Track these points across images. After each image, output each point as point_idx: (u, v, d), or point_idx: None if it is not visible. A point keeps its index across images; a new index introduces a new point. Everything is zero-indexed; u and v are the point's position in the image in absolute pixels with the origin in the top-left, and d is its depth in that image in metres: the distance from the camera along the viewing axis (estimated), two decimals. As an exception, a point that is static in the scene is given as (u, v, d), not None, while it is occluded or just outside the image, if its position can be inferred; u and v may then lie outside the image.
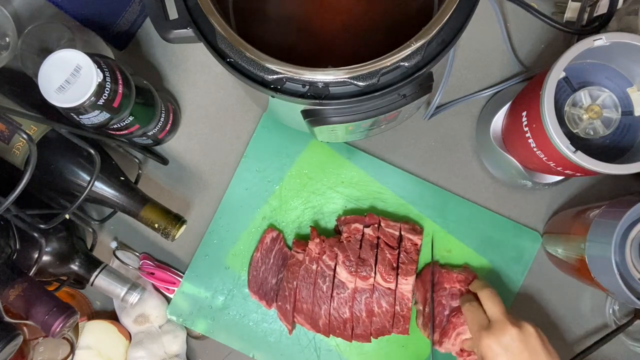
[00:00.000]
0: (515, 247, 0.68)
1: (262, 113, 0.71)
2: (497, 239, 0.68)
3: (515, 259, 0.68)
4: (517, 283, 0.68)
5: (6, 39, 0.64)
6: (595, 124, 0.55)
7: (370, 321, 0.65)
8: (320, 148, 0.70)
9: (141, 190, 0.62)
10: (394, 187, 0.69)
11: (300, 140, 0.70)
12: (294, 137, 0.70)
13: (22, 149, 0.56)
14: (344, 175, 0.70)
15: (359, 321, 0.65)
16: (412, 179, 0.69)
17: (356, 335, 0.66)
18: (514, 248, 0.68)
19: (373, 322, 0.65)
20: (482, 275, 0.68)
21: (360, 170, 0.70)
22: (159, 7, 0.49)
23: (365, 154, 0.70)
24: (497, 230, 0.68)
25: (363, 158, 0.70)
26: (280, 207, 0.70)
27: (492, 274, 0.68)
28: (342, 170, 0.70)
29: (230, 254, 0.70)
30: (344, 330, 0.65)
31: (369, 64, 0.44)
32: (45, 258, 0.58)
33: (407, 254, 0.65)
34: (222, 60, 0.47)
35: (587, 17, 0.65)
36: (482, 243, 0.68)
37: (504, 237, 0.68)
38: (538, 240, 0.68)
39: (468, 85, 0.70)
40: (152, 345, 0.67)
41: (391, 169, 0.69)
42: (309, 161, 0.70)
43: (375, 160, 0.70)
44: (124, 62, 0.71)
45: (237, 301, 0.69)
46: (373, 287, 0.65)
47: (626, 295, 0.51)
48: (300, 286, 0.65)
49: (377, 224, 0.66)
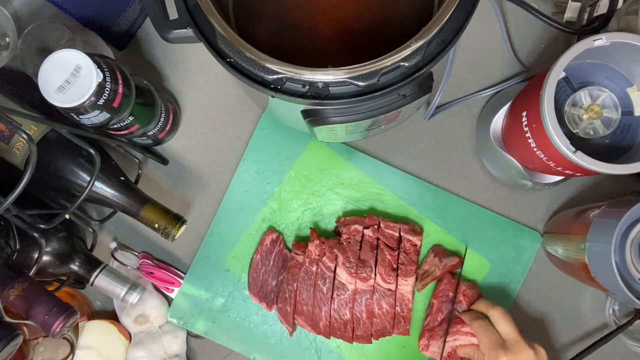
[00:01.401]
0: (516, 247, 0.68)
1: (262, 113, 0.71)
2: (497, 239, 0.68)
3: (515, 259, 0.68)
4: (517, 283, 0.68)
5: (6, 39, 0.64)
6: (595, 124, 0.55)
7: (370, 322, 0.65)
8: (319, 149, 0.70)
9: (141, 190, 0.62)
10: (393, 188, 0.69)
11: (299, 142, 0.70)
12: (293, 139, 0.70)
13: (22, 149, 0.56)
14: (343, 176, 0.70)
15: (359, 322, 0.65)
16: (411, 180, 0.69)
17: (357, 336, 0.65)
18: (514, 248, 0.68)
19: (374, 323, 0.65)
20: (483, 276, 0.68)
21: (360, 172, 0.69)
22: (159, 7, 0.49)
23: (365, 155, 0.70)
24: (497, 230, 0.68)
25: (362, 159, 0.70)
26: (279, 209, 0.70)
27: (492, 274, 0.68)
28: (342, 172, 0.70)
29: (231, 257, 0.70)
30: (344, 332, 0.65)
31: (369, 64, 0.44)
32: (45, 258, 0.58)
33: (406, 255, 0.65)
34: (222, 60, 0.47)
35: (587, 17, 0.65)
36: (482, 243, 0.68)
37: (504, 237, 0.68)
38: (538, 240, 0.68)
39: (468, 85, 0.70)
40: (152, 345, 0.67)
41: (391, 170, 0.69)
42: (308, 163, 0.70)
43: (374, 162, 0.70)
44: (124, 62, 0.71)
45: (238, 303, 0.69)
46: (373, 288, 0.65)
47: (626, 295, 0.51)
48: (300, 288, 0.65)
49: (376, 225, 0.66)
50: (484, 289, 0.67)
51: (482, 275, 0.68)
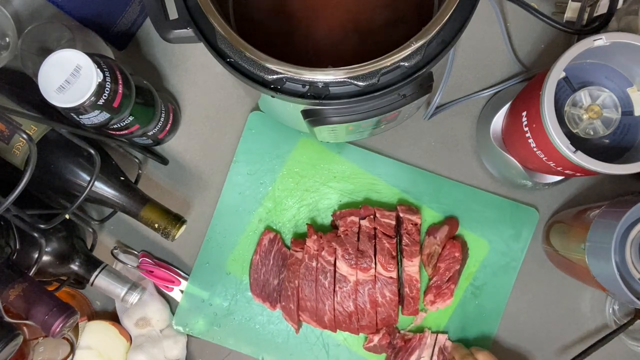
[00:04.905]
0: (513, 225, 0.68)
1: (261, 113, 0.71)
2: (494, 218, 0.68)
3: (513, 236, 0.68)
4: (518, 261, 0.68)
5: (6, 39, 0.64)
6: (595, 124, 0.55)
7: (375, 312, 0.65)
8: (309, 145, 0.70)
9: (141, 190, 0.62)
10: (386, 176, 0.69)
11: (289, 140, 0.70)
12: (283, 137, 0.70)
13: (22, 149, 0.56)
14: (335, 170, 0.70)
15: (364, 313, 0.65)
16: (403, 167, 0.69)
17: (362, 327, 0.66)
18: (512, 226, 0.68)
19: (378, 312, 0.65)
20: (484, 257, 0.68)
21: (352, 164, 0.70)
22: (159, 7, 0.49)
23: (355, 147, 0.70)
24: (493, 210, 0.68)
25: (353, 151, 0.70)
26: (275, 208, 0.70)
27: (492, 254, 0.68)
28: (334, 165, 0.70)
29: (230, 260, 0.70)
30: (350, 324, 0.66)
31: (369, 64, 0.44)
32: (45, 258, 0.58)
33: (409, 236, 0.65)
34: (222, 60, 0.47)
35: (587, 17, 0.65)
36: (479, 224, 0.68)
37: (500, 216, 0.68)
38: (535, 216, 0.68)
39: (468, 85, 0.70)
40: (153, 349, 0.66)
41: (382, 159, 0.69)
42: (299, 159, 0.70)
43: (365, 152, 0.70)
44: (124, 62, 0.71)
45: (242, 305, 0.69)
46: (375, 278, 0.65)
47: (626, 295, 0.51)
48: (302, 284, 0.65)
49: (372, 215, 0.67)
50: (485, 269, 0.67)
51: (483, 256, 0.68)
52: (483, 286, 0.68)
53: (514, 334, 0.68)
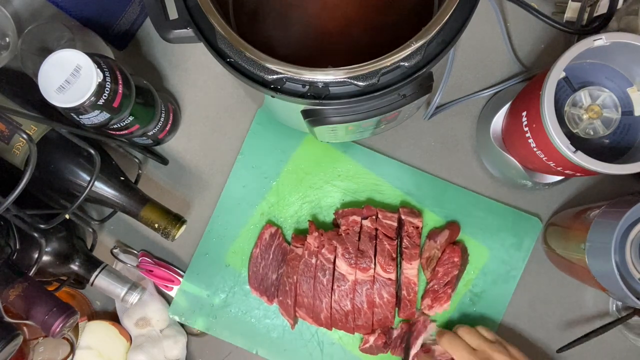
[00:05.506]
0: (515, 234, 0.68)
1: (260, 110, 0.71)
2: (496, 226, 0.68)
3: (515, 245, 0.68)
4: (518, 270, 0.68)
5: (6, 39, 0.64)
6: (595, 124, 0.55)
7: (372, 312, 0.65)
8: (315, 143, 0.70)
9: (141, 190, 0.62)
10: (390, 178, 0.69)
11: (296, 136, 0.70)
12: (289, 133, 0.70)
13: (22, 149, 0.56)
14: (340, 168, 0.70)
15: (360, 313, 0.65)
16: (408, 170, 0.69)
17: (358, 327, 0.66)
18: (514, 234, 0.68)
19: (375, 313, 0.65)
20: (483, 264, 0.68)
21: (356, 163, 0.70)
22: (159, 7, 0.49)
23: (361, 147, 0.70)
24: (495, 217, 0.68)
25: (358, 151, 0.70)
26: (278, 202, 0.70)
27: (492, 262, 0.68)
28: (338, 164, 0.70)
29: (230, 252, 0.70)
30: (345, 323, 0.66)
31: (369, 64, 0.44)
32: (45, 258, 0.58)
33: (410, 239, 0.65)
34: (222, 60, 0.47)
35: (587, 17, 0.65)
36: (481, 231, 0.68)
37: (503, 224, 0.68)
38: (538, 226, 0.68)
39: (468, 85, 0.70)
40: (153, 349, 0.66)
41: (387, 161, 0.70)
42: (304, 156, 0.70)
43: (370, 153, 0.70)
44: (124, 62, 0.71)
45: (239, 298, 0.69)
46: (373, 279, 0.65)
47: (626, 295, 0.51)
48: (300, 280, 0.66)
49: (374, 215, 0.67)
50: (485, 276, 0.67)
51: (483, 263, 0.68)
52: (482, 293, 0.68)
53: (512, 339, 0.68)
